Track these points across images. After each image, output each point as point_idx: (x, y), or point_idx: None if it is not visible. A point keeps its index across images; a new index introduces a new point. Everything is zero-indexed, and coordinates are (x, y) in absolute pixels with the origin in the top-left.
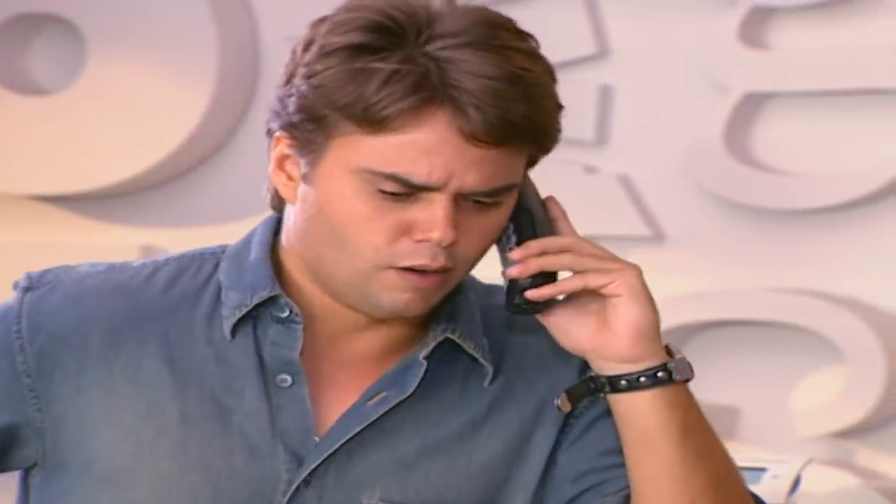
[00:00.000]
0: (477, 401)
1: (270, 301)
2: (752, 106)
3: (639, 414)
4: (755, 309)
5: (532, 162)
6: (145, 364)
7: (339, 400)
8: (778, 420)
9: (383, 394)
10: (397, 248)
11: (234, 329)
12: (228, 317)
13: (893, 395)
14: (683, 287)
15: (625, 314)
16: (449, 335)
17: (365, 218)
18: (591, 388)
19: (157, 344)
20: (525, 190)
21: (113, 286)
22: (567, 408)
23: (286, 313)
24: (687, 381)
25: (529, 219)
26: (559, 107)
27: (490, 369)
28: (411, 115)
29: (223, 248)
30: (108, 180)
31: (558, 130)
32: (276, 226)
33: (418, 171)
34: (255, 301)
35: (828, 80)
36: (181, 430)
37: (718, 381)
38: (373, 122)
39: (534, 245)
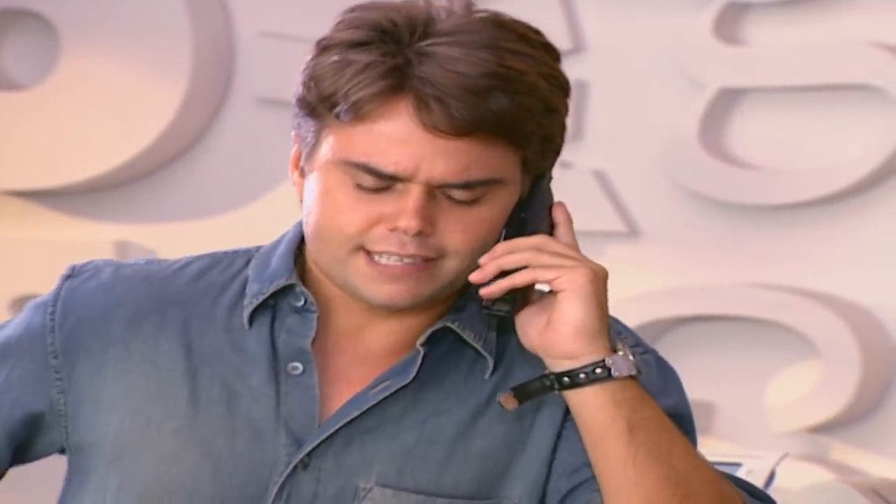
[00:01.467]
0: (478, 391)
1: (290, 291)
2: (727, 101)
3: (587, 412)
4: (730, 304)
5: (530, 166)
6: (162, 346)
7: (348, 392)
8: (753, 415)
9: (387, 382)
10: (368, 235)
11: (253, 318)
12: (247, 305)
13: (868, 390)
14: (658, 282)
15: (565, 310)
16: (449, 324)
17: (343, 208)
18: (544, 386)
19: (177, 328)
20: (530, 197)
21: (143, 275)
22: (511, 405)
23: (302, 302)
24: (632, 377)
25: (521, 224)
26: (551, 109)
27: (491, 361)
28: (378, 103)
29: (259, 248)
30: (82, 176)
31: (546, 133)
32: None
33: (386, 161)
34: (272, 289)
35: (803, 76)
36: (188, 412)
37: (693, 377)
38: (345, 109)
39: (500, 247)
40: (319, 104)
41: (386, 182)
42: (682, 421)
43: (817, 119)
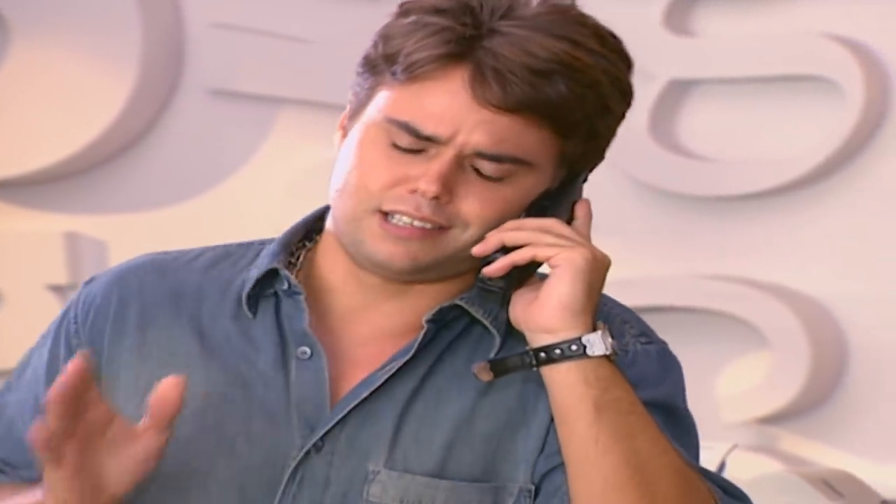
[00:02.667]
0: None
1: (278, 277)
2: (677, 93)
3: (557, 389)
4: (680, 295)
5: (568, 160)
6: (177, 335)
7: (357, 373)
8: (703, 406)
9: (395, 363)
10: (387, 194)
11: (256, 306)
12: (244, 294)
13: (817, 381)
14: (609, 274)
15: (555, 284)
16: (457, 301)
17: (372, 164)
18: (523, 362)
19: (190, 317)
20: (558, 190)
21: (156, 265)
22: (486, 377)
23: (285, 286)
24: (607, 358)
25: (541, 212)
26: (607, 109)
27: (498, 338)
28: (436, 66)
29: (273, 239)
30: (32, 167)
31: (592, 129)
32: (326, 208)
33: (427, 122)
34: (256, 276)
35: (753, 67)
36: (202, 398)
37: None
38: (403, 67)
39: (508, 224)
40: (381, 61)
41: (421, 144)
42: (674, 413)
43: (768, 111)
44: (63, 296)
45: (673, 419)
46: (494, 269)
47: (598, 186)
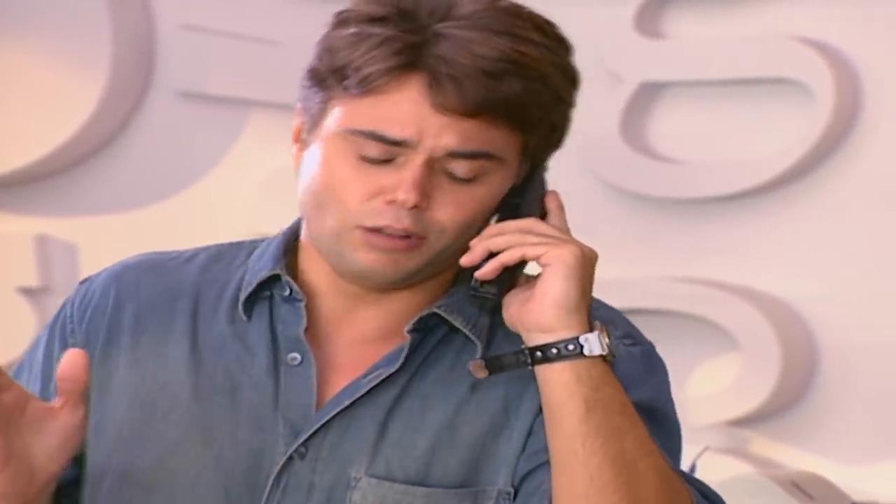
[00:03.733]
0: (464, 378)
1: (277, 281)
2: (648, 95)
3: (550, 387)
4: (650, 298)
5: (530, 154)
6: (171, 339)
7: (341, 379)
8: None
9: (379, 371)
10: (365, 209)
11: (251, 310)
12: (241, 298)
13: (788, 384)
14: None
15: (548, 282)
16: (435, 309)
17: (344, 179)
18: (518, 360)
19: (185, 320)
20: (524, 184)
21: (151, 264)
22: (481, 374)
23: (287, 292)
24: (602, 358)
25: (514, 210)
26: (560, 100)
27: (480, 345)
28: (390, 78)
29: (264, 240)
30: (2, 169)
31: (552, 122)
32: None
33: (393, 128)
34: (258, 280)
35: (724, 70)
36: (192, 401)
37: None
38: (356, 82)
39: (489, 229)
40: (330, 75)
41: (390, 151)
42: (655, 415)
43: (738, 113)
44: (34, 298)
45: (655, 422)
46: (486, 271)
47: (568, 188)
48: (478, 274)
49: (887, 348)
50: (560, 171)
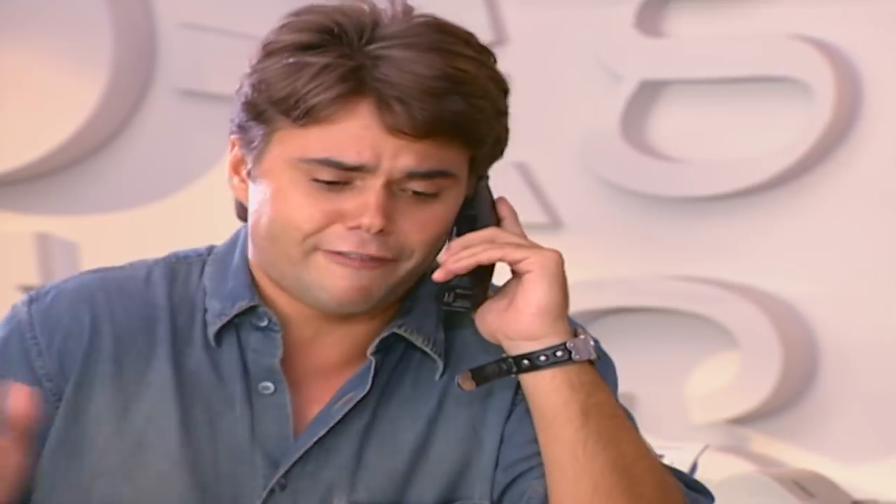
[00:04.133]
0: (428, 396)
1: (250, 310)
2: (648, 94)
3: (541, 394)
4: (650, 296)
5: (477, 166)
6: (154, 365)
7: (316, 404)
8: (673, 407)
9: (349, 395)
10: (326, 233)
11: (220, 337)
12: (211, 324)
13: (788, 382)
14: (579, 275)
15: (530, 290)
16: (395, 329)
17: (298, 206)
18: (501, 369)
19: (166, 346)
20: (474, 196)
21: (116, 285)
22: (469, 386)
23: (265, 322)
24: (590, 362)
25: (471, 221)
26: (500, 113)
27: (440, 362)
28: (338, 105)
29: (209, 250)
30: (3, 167)
31: (497, 135)
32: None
33: (347, 154)
34: (235, 311)
35: (724, 68)
36: (180, 433)
37: None
38: (303, 113)
39: (455, 244)
40: (270, 107)
41: (346, 175)
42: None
43: (738, 112)
44: None
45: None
46: (461, 266)
47: (568, 187)
48: (451, 268)
49: (888, 347)
50: (560, 170)
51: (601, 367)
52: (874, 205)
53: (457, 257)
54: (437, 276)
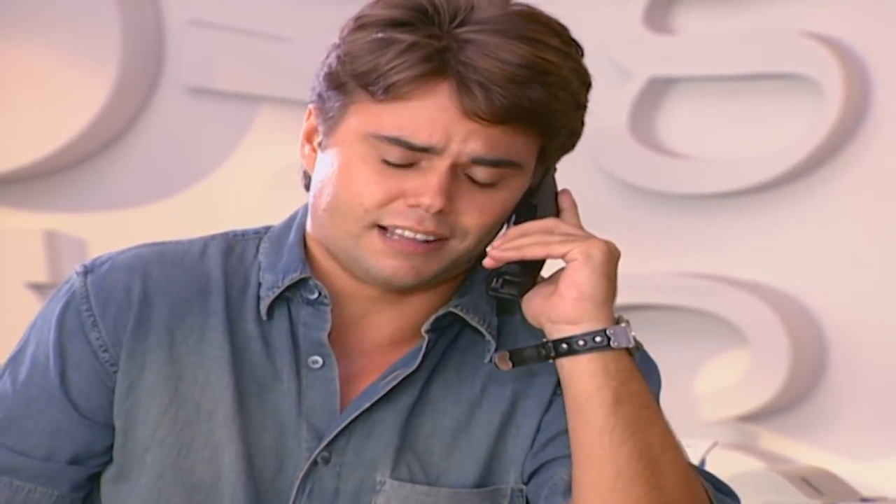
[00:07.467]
0: (473, 381)
1: (301, 283)
2: (656, 91)
3: (576, 379)
4: (659, 293)
5: (546, 157)
6: (208, 336)
7: (366, 380)
8: (682, 404)
9: (396, 373)
10: (386, 209)
11: (271, 310)
12: (264, 298)
13: (797, 379)
14: None
15: (573, 275)
16: (452, 308)
17: (364, 181)
18: (539, 353)
19: (220, 317)
20: (538, 186)
21: (172, 258)
22: (505, 366)
23: (315, 295)
24: (628, 351)
25: (532, 210)
26: (580, 106)
27: (494, 343)
28: (417, 84)
29: (267, 229)
30: (12, 165)
31: (572, 128)
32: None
33: (419, 134)
34: (287, 283)
35: (732, 65)
36: (234, 402)
37: None
38: (383, 89)
39: (512, 231)
40: (351, 80)
41: (414, 156)
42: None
43: (747, 109)
44: (42, 294)
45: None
46: (506, 257)
47: (577, 184)
48: (491, 256)
49: None
50: (569, 167)
51: (644, 369)
52: (883, 201)
53: (505, 247)
54: (487, 262)
